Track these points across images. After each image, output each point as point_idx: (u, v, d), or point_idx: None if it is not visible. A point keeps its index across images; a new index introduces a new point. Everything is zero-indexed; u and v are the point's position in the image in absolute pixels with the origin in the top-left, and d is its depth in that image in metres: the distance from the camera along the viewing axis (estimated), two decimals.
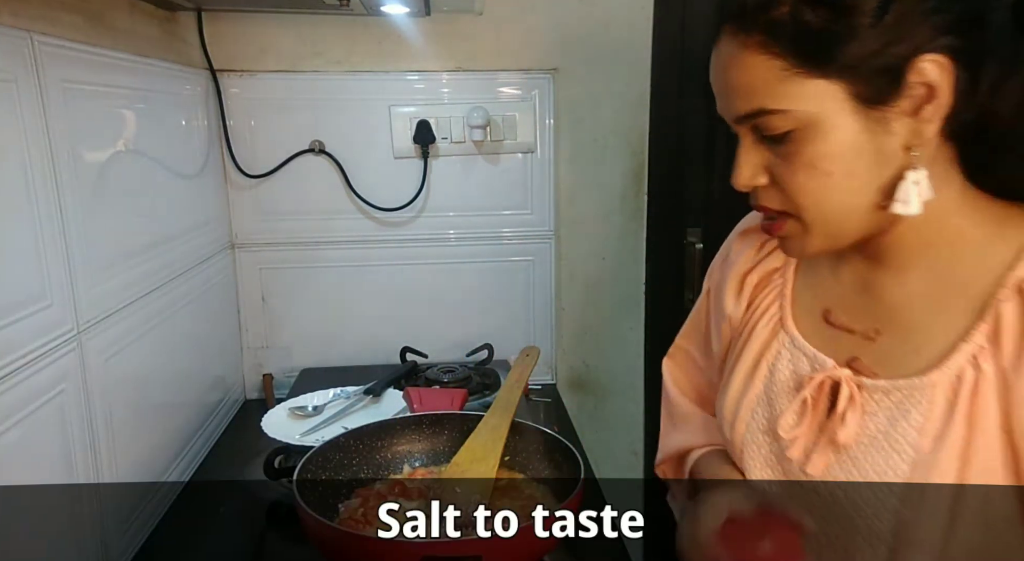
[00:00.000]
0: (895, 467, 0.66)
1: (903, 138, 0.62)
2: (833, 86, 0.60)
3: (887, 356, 0.69)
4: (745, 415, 0.77)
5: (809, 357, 0.73)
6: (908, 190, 0.62)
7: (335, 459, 1.03)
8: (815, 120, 0.61)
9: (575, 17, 1.64)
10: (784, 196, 0.66)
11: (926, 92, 0.60)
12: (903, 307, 0.69)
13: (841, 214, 0.65)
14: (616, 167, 1.73)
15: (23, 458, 0.84)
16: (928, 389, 0.65)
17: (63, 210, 0.94)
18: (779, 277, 0.79)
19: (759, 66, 0.62)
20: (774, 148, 0.64)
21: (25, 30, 0.88)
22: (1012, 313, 0.62)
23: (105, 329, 1.04)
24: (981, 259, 0.65)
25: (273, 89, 1.60)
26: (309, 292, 1.72)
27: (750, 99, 0.63)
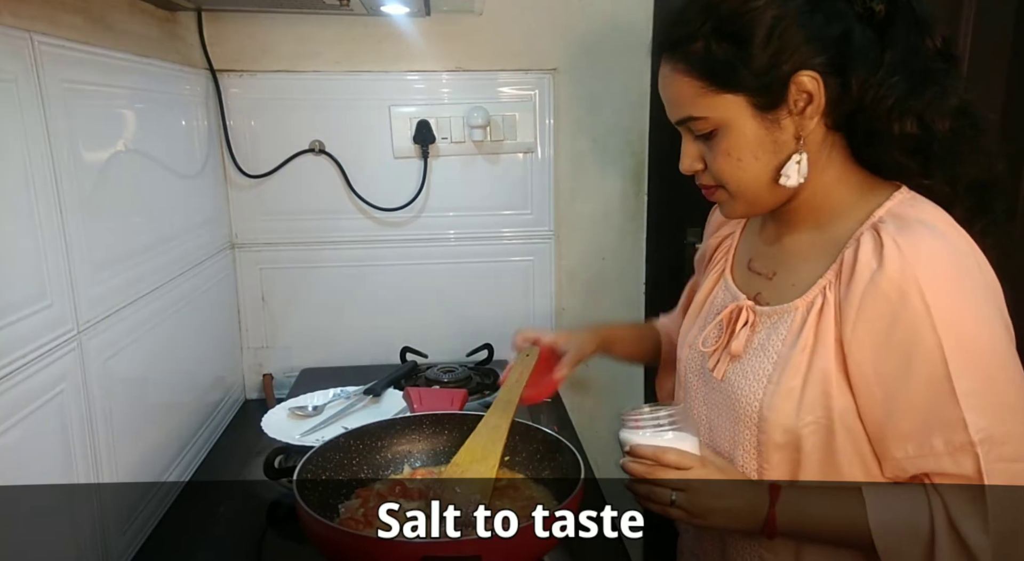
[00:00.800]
0: (764, 368, 0.88)
1: (792, 131, 0.83)
2: (737, 98, 0.82)
3: (778, 290, 0.92)
4: (689, 339, 1.02)
5: (732, 293, 0.98)
6: (791, 168, 0.83)
7: (335, 459, 1.03)
8: (727, 123, 0.83)
9: (575, 17, 1.64)
10: (713, 176, 0.88)
11: (806, 97, 0.81)
12: (793, 255, 0.92)
13: (752, 187, 0.86)
14: (616, 167, 1.73)
15: (23, 458, 0.84)
16: (792, 311, 0.87)
17: (63, 210, 0.94)
18: (729, 239, 1.05)
19: (683, 85, 0.84)
20: (704, 142, 0.86)
21: (25, 30, 0.88)
22: (849, 257, 0.82)
23: (105, 329, 1.04)
24: (846, 218, 0.86)
25: (273, 89, 1.60)
26: (309, 292, 1.72)
27: (680, 109, 0.86)
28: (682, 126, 0.87)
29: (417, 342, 1.71)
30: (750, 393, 0.89)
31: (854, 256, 0.81)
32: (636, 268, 1.77)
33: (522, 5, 1.63)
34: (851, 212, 0.86)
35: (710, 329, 0.96)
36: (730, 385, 0.92)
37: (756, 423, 0.88)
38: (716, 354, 0.95)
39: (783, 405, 0.85)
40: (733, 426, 0.91)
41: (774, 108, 0.82)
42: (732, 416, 0.91)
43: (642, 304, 1.79)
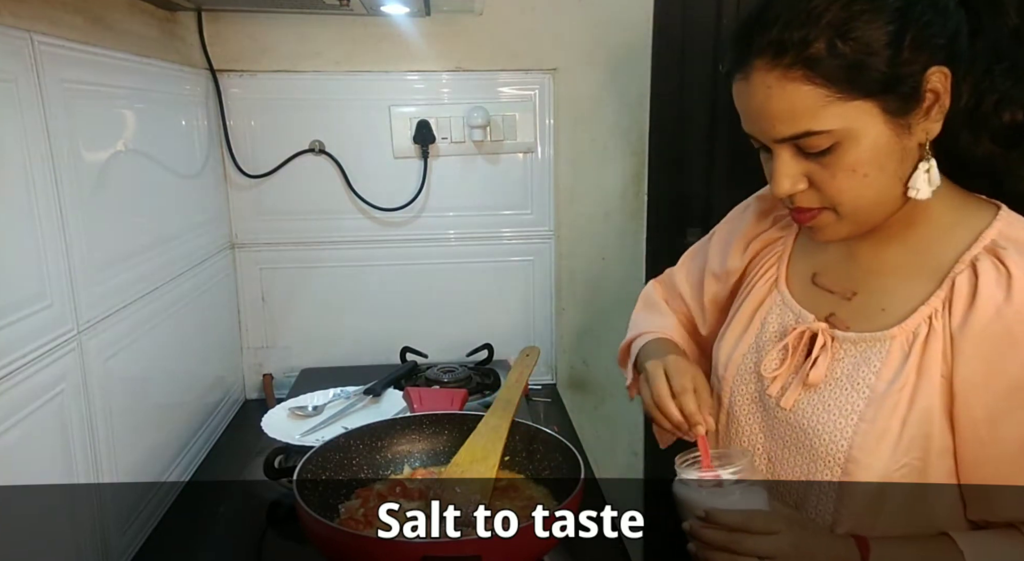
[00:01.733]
0: (853, 403, 0.78)
1: (919, 137, 0.74)
2: (867, 104, 0.71)
3: (859, 314, 0.82)
4: (737, 358, 0.91)
5: (795, 312, 0.87)
6: (919, 178, 0.74)
7: (335, 459, 1.03)
8: (854, 134, 0.72)
9: (575, 17, 1.64)
10: (823, 196, 0.76)
11: (934, 97, 0.72)
12: (878, 274, 0.82)
13: (873, 206, 0.76)
14: (616, 167, 1.73)
15: (23, 458, 0.84)
16: (888, 341, 0.78)
17: (63, 210, 0.94)
18: (780, 245, 0.93)
19: (802, 95, 0.71)
20: (814, 159, 0.74)
21: (25, 30, 0.88)
22: (964, 284, 0.74)
23: (105, 329, 1.04)
24: (946, 239, 0.78)
25: (273, 89, 1.60)
26: (309, 292, 1.72)
27: (795, 123, 0.73)
28: (785, 144, 0.75)
29: (417, 342, 1.71)
30: (835, 430, 0.79)
31: (972, 284, 0.73)
32: (636, 268, 1.77)
33: (522, 5, 1.63)
34: (951, 231, 0.78)
35: (774, 353, 0.86)
36: (806, 418, 0.82)
37: (841, 464, 0.78)
38: (780, 380, 0.85)
39: (878, 448, 0.76)
40: (808, 464, 0.82)
41: (907, 112, 0.72)
42: (808, 453, 0.82)
43: None
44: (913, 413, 0.75)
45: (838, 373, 0.81)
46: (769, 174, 0.79)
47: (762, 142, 0.77)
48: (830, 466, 0.79)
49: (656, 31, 1.62)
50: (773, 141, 0.75)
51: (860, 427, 0.77)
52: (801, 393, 0.83)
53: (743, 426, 0.90)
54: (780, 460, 0.86)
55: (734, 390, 0.91)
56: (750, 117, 0.76)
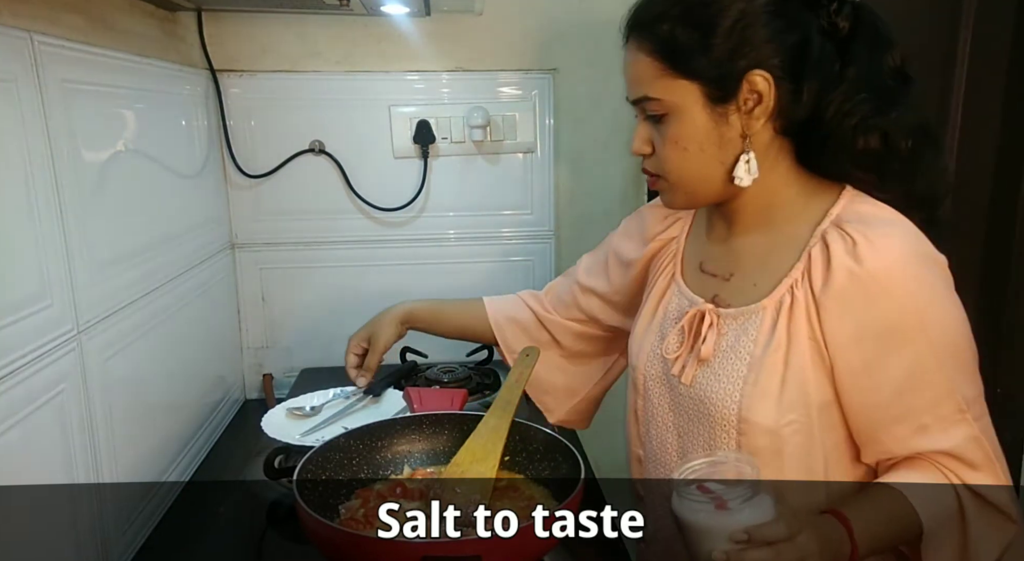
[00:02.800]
0: (738, 370, 0.88)
1: (739, 129, 0.85)
2: (691, 85, 0.84)
3: (737, 292, 0.93)
4: (647, 347, 1.01)
5: (688, 297, 0.98)
6: (741, 167, 0.85)
7: (335, 459, 1.03)
8: (679, 108, 0.85)
9: (575, 17, 1.64)
10: (658, 163, 0.90)
11: (756, 97, 0.83)
12: (748, 255, 0.93)
13: (694, 180, 0.89)
14: (616, 167, 1.73)
15: (23, 458, 0.84)
16: (760, 312, 0.88)
17: (63, 210, 0.94)
18: (674, 244, 1.06)
19: (645, 65, 0.86)
20: (655, 126, 0.88)
21: (25, 30, 0.88)
22: (818, 255, 0.84)
23: (105, 329, 1.04)
24: (800, 219, 0.88)
25: (273, 89, 1.60)
26: (309, 292, 1.72)
27: (638, 88, 0.88)
28: (637, 106, 0.89)
29: (417, 342, 1.71)
30: (725, 396, 0.89)
31: (825, 254, 0.84)
32: None
33: (522, 5, 1.63)
34: (803, 211, 0.89)
35: (672, 335, 0.97)
36: (702, 389, 0.92)
37: (735, 425, 0.88)
38: (680, 359, 0.95)
39: (762, 406, 0.86)
40: (708, 430, 0.91)
41: (724, 102, 0.84)
42: (707, 421, 0.91)
43: None
44: (789, 372, 0.85)
45: (724, 346, 0.91)
46: None
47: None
48: (727, 429, 0.89)
49: None
50: (631, 102, 0.90)
51: (745, 390, 0.87)
52: (697, 368, 0.92)
53: (656, 407, 0.99)
54: (687, 432, 0.95)
55: (647, 375, 1.01)
56: (626, 81, 0.91)
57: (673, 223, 1.08)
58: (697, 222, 1.05)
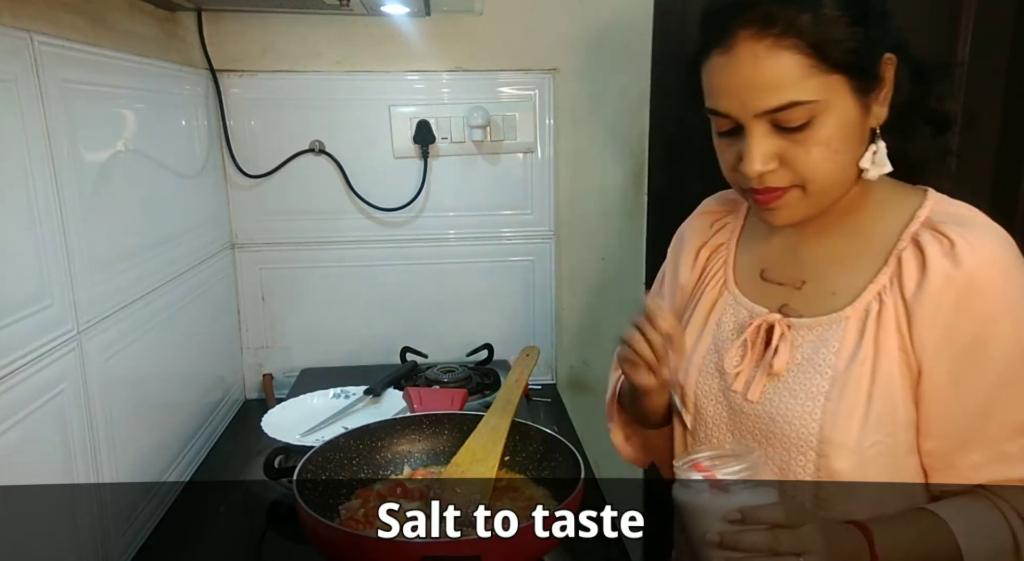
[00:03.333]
0: (818, 385, 0.80)
1: (872, 120, 0.78)
2: (841, 79, 0.75)
3: (811, 300, 0.85)
4: (698, 361, 0.92)
5: (748, 308, 0.90)
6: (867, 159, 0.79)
7: (335, 459, 1.03)
8: (830, 108, 0.75)
9: (575, 17, 1.64)
10: (794, 174, 0.78)
11: (885, 83, 0.77)
12: (823, 261, 0.86)
13: (838, 182, 0.79)
14: (616, 167, 1.73)
15: (23, 458, 0.84)
16: (843, 321, 0.81)
17: (63, 210, 0.94)
18: (724, 249, 0.96)
19: (790, 63, 0.74)
20: (788, 135, 0.76)
21: (25, 30, 0.88)
22: (910, 258, 0.78)
23: (105, 329, 1.04)
24: (883, 221, 0.82)
25: (273, 89, 1.60)
26: (309, 292, 1.72)
27: (780, 93, 0.74)
28: (763, 118, 0.76)
29: (417, 342, 1.71)
30: (804, 414, 0.80)
31: (919, 257, 0.77)
32: (636, 268, 1.77)
33: (522, 5, 1.63)
34: (887, 213, 0.82)
35: (733, 349, 0.88)
36: (774, 407, 0.83)
37: (814, 446, 0.79)
38: (744, 374, 0.87)
39: (847, 424, 0.78)
40: (781, 453, 0.82)
41: (868, 92, 0.77)
42: (780, 442, 0.82)
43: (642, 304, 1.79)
44: (876, 387, 0.77)
45: (799, 359, 0.83)
46: (731, 159, 0.81)
47: (736, 120, 0.78)
48: (803, 451, 0.80)
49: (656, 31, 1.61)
50: (753, 116, 0.76)
51: (827, 407, 0.79)
52: (767, 383, 0.84)
53: (710, 427, 0.91)
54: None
55: (698, 393, 0.92)
56: (731, 90, 0.77)
57: (720, 229, 0.99)
58: (749, 226, 0.96)
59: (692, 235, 1.01)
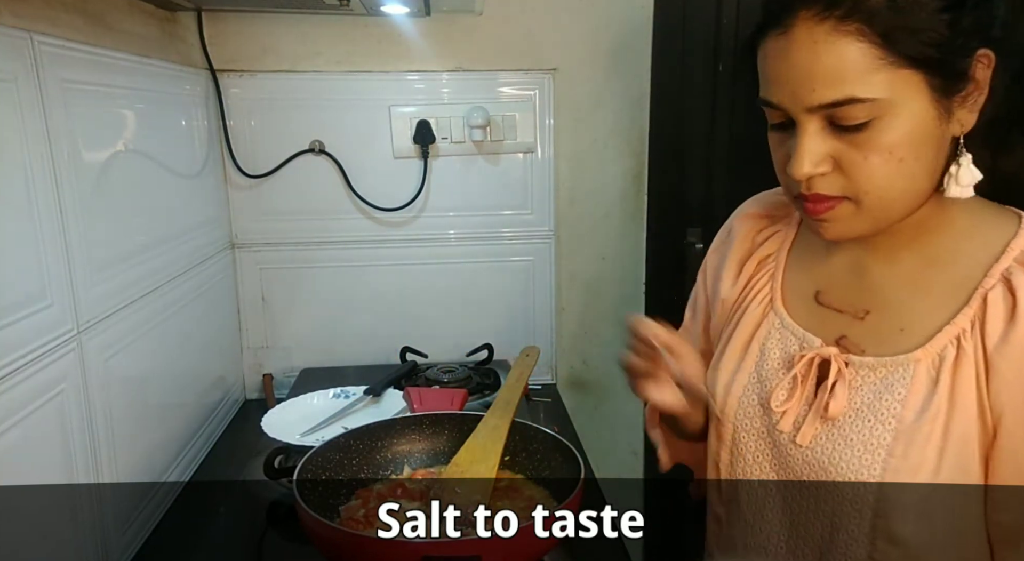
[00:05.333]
0: (879, 436, 0.70)
1: (955, 127, 0.67)
2: (916, 75, 0.64)
3: (874, 335, 0.74)
4: (737, 391, 0.81)
5: (798, 337, 0.78)
6: (965, 175, 0.67)
7: (335, 459, 1.03)
8: (896, 109, 0.64)
9: (575, 17, 1.64)
10: (847, 181, 0.67)
11: (976, 85, 0.66)
12: (892, 289, 0.74)
13: (901, 198, 0.68)
14: (616, 167, 1.73)
15: (23, 458, 0.84)
16: (912, 365, 0.70)
17: (63, 210, 0.94)
18: (772, 261, 0.84)
19: (853, 53, 0.63)
20: (845, 136, 0.66)
21: (25, 30, 0.88)
22: (998, 300, 0.67)
23: (105, 329, 1.04)
24: (967, 247, 0.71)
25: (273, 89, 1.60)
26: (309, 292, 1.72)
27: (839, 87, 0.64)
28: (817, 113, 0.66)
29: (417, 342, 1.71)
30: (862, 467, 0.71)
31: (1008, 300, 0.67)
32: (636, 268, 1.77)
33: (522, 5, 1.63)
34: (971, 241, 0.71)
35: (782, 385, 0.78)
36: (826, 456, 0.73)
37: (871, 505, 0.70)
38: (792, 413, 0.76)
39: (911, 489, 0.69)
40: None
41: (952, 93, 0.65)
42: (831, 495, 0.73)
43: (642, 304, 1.79)
44: (949, 445, 0.68)
45: (858, 403, 0.73)
46: (781, 157, 0.70)
47: (788, 113, 0.68)
48: (859, 509, 0.71)
49: (656, 31, 1.61)
50: (805, 110, 0.66)
51: (890, 463, 0.69)
52: (819, 428, 0.74)
53: (751, 465, 0.81)
54: (798, 504, 0.77)
55: (737, 426, 0.82)
56: (784, 79, 0.67)
57: (770, 236, 0.86)
58: (803, 237, 0.84)
59: (736, 241, 0.88)
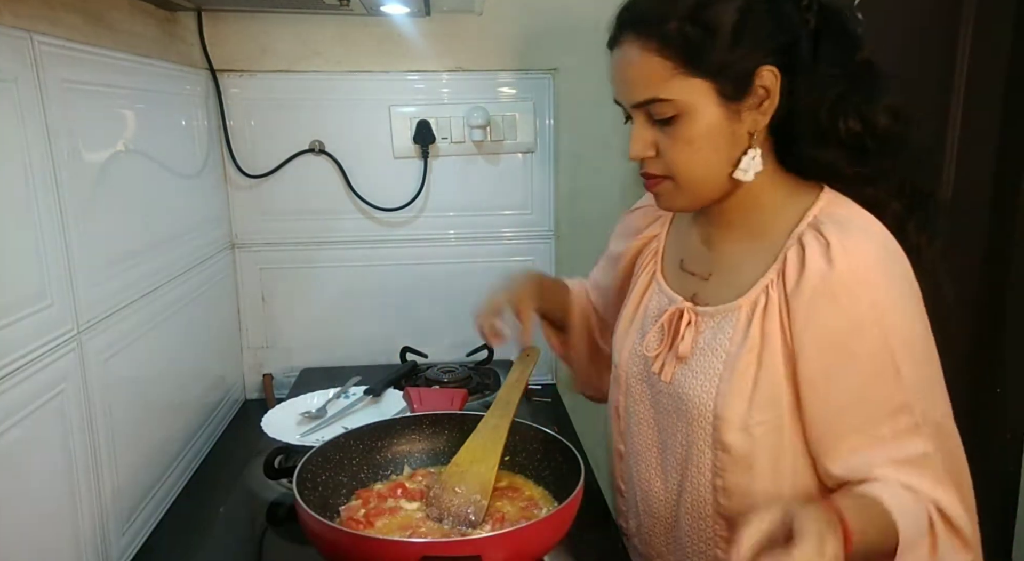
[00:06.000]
0: (714, 367, 0.89)
1: (747, 125, 0.85)
2: (705, 84, 0.82)
3: (715, 291, 0.93)
4: (628, 346, 1.03)
5: (668, 296, 0.99)
6: (746, 162, 0.85)
7: (335, 459, 1.03)
8: (691, 108, 0.83)
9: (575, 17, 1.63)
10: (664, 165, 0.88)
11: (764, 93, 0.83)
12: (727, 255, 0.94)
13: (704, 179, 0.88)
14: (616, 167, 1.73)
15: (23, 458, 0.84)
16: (736, 311, 0.89)
17: (63, 210, 0.94)
18: (655, 241, 1.07)
19: (653, 65, 0.83)
20: (661, 128, 0.86)
21: (25, 30, 0.88)
22: (793, 256, 0.84)
23: (105, 329, 1.04)
24: (779, 219, 0.89)
25: (273, 89, 1.60)
26: (309, 292, 1.72)
27: (646, 89, 0.84)
28: (639, 109, 0.87)
29: (417, 342, 1.71)
30: (702, 392, 0.89)
31: (800, 256, 0.83)
32: None
33: (522, 5, 1.63)
34: (782, 212, 0.89)
35: (652, 333, 0.97)
36: (679, 386, 0.92)
37: (711, 421, 0.88)
38: (660, 357, 0.96)
39: (735, 403, 0.85)
40: (686, 427, 0.91)
41: (737, 99, 0.83)
42: (685, 417, 0.91)
43: None
44: (762, 372, 0.84)
45: (702, 344, 0.91)
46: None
47: (626, 109, 0.89)
48: (702, 425, 0.89)
49: None
50: (631, 106, 0.87)
51: (720, 387, 0.87)
52: (676, 366, 0.93)
53: (637, 403, 1.01)
54: (666, 428, 0.96)
55: (628, 373, 1.02)
56: (617, 83, 0.89)
57: (655, 221, 1.09)
58: (678, 220, 1.06)
59: (636, 218, 1.13)
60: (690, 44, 0.81)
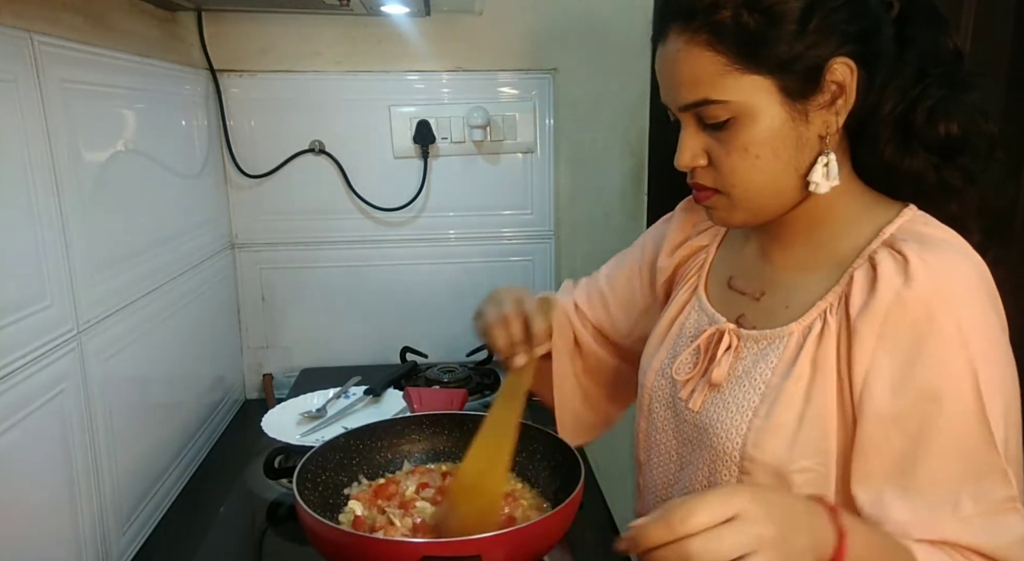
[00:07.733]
0: (749, 399, 0.76)
1: (818, 128, 0.72)
2: (765, 81, 0.70)
3: (766, 312, 0.81)
4: (656, 365, 0.91)
5: (708, 315, 0.87)
6: (818, 172, 0.73)
7: (335, 459, 1.03)
8: (749, 110, 0.71)
9: (575, 17, 1.64)
10: (717, 175, 0.76)
11: (837, 89, 0.71)
12: (785, 272, 0.82)
13: (764, 192, 0.75)
14: (616, 167, 1.73)
15: (23, 458, 0.84)
16: (785, 337, 0.77)
17: (63, 210, 0.94)
18: (703, 253, 0.94)
19: (704, 61, 0.71)
20: (713, 134, 0.74)
21: (25, 30, 0.88)
22: (861, 277, 0.72)
23: (105, 329, 1.04)
24: (849, 235, 0.77)
25: (273, 89, 1.60)
26: (309, 292, 1.72)
27: (696, 90, 0.72)
28: (689, 112, 0.75)
29: (417, 342, 1.71)
30: (731, 426, 0.77)
31: (870, 276, 0.71)
32: None
33: (522, 5, 1.63)
34: (854, 228, 0.77)
35: (685, 355, 0.86)
36: (707, 416, 0.80)
37: (737, 462, 0.76)
38: (691, 382, 0.84)
39: (772, 443, 0.73)
40: (710, 463, 0.79)
41: (804, 97, 0.71)
42: (709, 452, 0.79)
43: None
44: (810, 409, 0.72)
45: (739, 371, 0.79)
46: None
47: (673, 112, 0.77)
48: (727, 465, 0.77)
49: None
50: (678, 109, 0.75)
51: (754, 423, 0.75)
52: (707, 393, 0.82)
53: (660, 432, 0.90)
54: (689, 462, 0.85)
55: (652, 396, 0.91)
56: (663, 83, 0.77)
57: (705, 230, 0.96)
58: (734, 232, 0.92)
59: (677, 225, 0.99)
60: (747, 35, 0.69)
